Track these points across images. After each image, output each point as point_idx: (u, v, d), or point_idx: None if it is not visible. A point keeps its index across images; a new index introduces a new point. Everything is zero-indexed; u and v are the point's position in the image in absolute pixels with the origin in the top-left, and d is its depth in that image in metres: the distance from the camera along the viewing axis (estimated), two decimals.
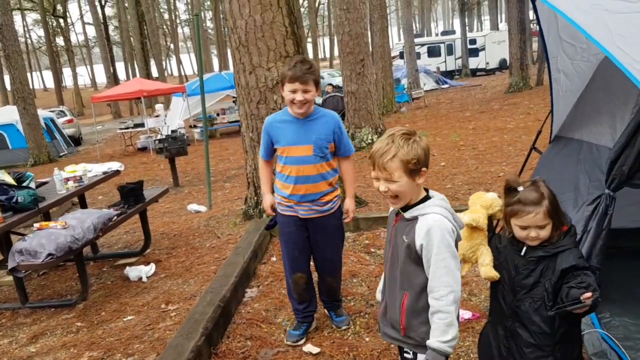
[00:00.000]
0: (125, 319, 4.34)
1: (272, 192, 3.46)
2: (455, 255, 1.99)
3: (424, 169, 2.01)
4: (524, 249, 2.23)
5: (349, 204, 3.42)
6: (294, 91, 3.06)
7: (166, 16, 58.06)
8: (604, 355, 2.67)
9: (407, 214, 2.06)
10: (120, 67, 49.46)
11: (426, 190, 2.12)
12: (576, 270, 2.12)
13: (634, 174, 3.07)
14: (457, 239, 2.07)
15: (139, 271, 5.17)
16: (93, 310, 4.61)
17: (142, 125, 18.32)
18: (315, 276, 3.63)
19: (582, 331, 2.94)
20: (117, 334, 4.10)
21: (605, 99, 3.38)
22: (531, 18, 21.83)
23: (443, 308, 1.96)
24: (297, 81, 3.03)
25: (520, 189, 2.21)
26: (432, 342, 1.98)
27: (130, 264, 5.46)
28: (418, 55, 28.20)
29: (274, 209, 3.44)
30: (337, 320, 3.64)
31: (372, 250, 4.85)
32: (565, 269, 2.12)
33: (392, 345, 3.28)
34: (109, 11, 48.56)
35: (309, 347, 3.39)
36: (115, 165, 6.16)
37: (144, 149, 17.36)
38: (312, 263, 3.55)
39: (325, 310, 3.73)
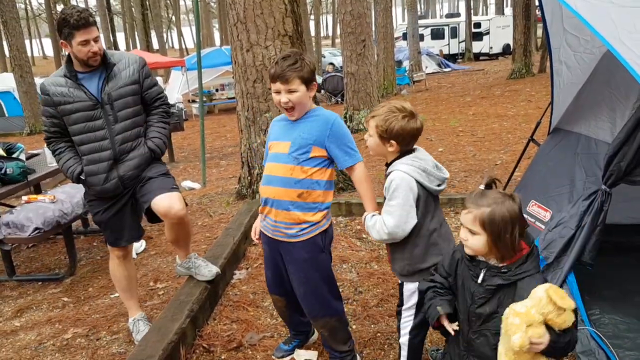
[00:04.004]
0: (112, 296, 4.31)
1: None
2: (403, 206, 2.34)
3: (392, 141, 2.39)
4: (481, 275, 2.06)
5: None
6: (277, 92, 2.60)
7: None
8: (591, 353, 2.64)
9: (387, 172, 2.48)
10: (120, 37, 48.90)
11: (413, 150, 2.47)
12: None
13: (631, 171, 3.01)
14: (427, 193, 2.40)
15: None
16: (80, 286, 4.58)
17: None
18: None
19: None
20: (103, 310, 4.07)
21: (606, 93, 3.31)
22: (536, 4, 21.55)
23: (380, 228, 2.42)
24: (279, 80, 2.56)
25: (481, 187, 2.10)
26: (367, 216, 2.56)
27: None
28: (421, 37, 27.95)
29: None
30: None
31: (364, 236, 4.80)
32: None
33: (379, 334, 3.26)
34: None
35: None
36: None
37: None
38: None
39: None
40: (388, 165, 2.50)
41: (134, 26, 32.20)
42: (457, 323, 2.16)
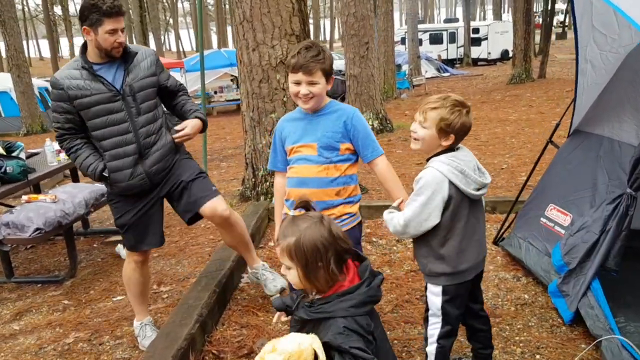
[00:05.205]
0: (114, 299, 4.18)
1: None
2: (425, 205, 2.24)
3: (452, 135, 2.28)
4: (297, 301, 1.89)
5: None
6: (297, 83, 2.52)
7: None
8: None
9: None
10: None
11: (457, 149, 2.37)
12: (336, 350, 1.64)
13: None
14: (462, 196, 2.28)
15: None
16: (81, 288, 4.45)
17: None
18: None
19: (599, 336, 2.81)
20: (105, 314, 3.94)
21: (631, 93, 3.21)
22: (535, 10, 21.57)
23: (396, 221, 2.34)
24: (301, 71, 2.48)
25: (293, 212, 1.87)
26: (385, 212, 2.48)
27: (122, 242, 5.28)
28: (420, 42, 27.86)
29: None
30: None
31: (374, 239, 4.68)
32: (326, 344, 1.66)
33: (396, 341, 3.14)
34: None
35: None
36: None
37: None
38: None
39: None
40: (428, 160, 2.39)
41: (132, 28, 32.07)
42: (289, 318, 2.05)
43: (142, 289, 3.44)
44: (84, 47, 3.07)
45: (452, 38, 33.84)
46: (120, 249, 5.06)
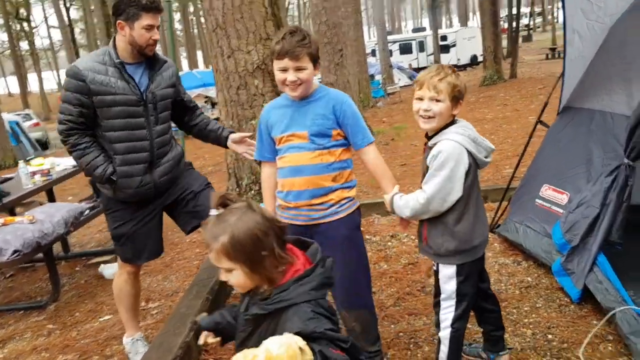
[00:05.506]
0: (101, 319, 4.00)
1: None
2: (450, 178, 2.16)
3: (461, 101, 2.24)
4: (245, 302, 1.69)
5: (387, 204, 2.50)
6: (283, 70, 2.37)
7: None
8: None
9: (431, 143, 2.27)
10: None
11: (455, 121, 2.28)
12: (307, 339, 1.43)
13: None
14: (478, 165, 2.26)
15: (115, 268, 4.78)
16: (66, 312, 4.24)
17: None
18: None
19: (612, 309, 2.72)
20: (93, 335, 3.76)
21: (619, 65, 3.16)
22: (501, 15, 21.86)
23: (415, 201, 2.24)
24: (287, 56, 2.33)
25: (213, 212, 1.59)
26: (396, 197, 2.38)
27: (105, 262, 5.09)
28: (390, 53, 28.07)
29: None
30: None
31: (367, 237, 4.56)
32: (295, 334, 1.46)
33: (401, 334, 3.01)
34: (74, 14, 47.34)
35: None
36: None
37: None
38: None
39: None
40: (430, 137, 2.30)
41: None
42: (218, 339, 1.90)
43: (133, 302, 3.27)
44: (114, 42, 2.90)
45: (422, 47, 34.20)
46: (104, 269, 4.87)
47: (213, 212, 1.57)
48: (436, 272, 2.37)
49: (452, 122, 2.26)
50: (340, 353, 1.47)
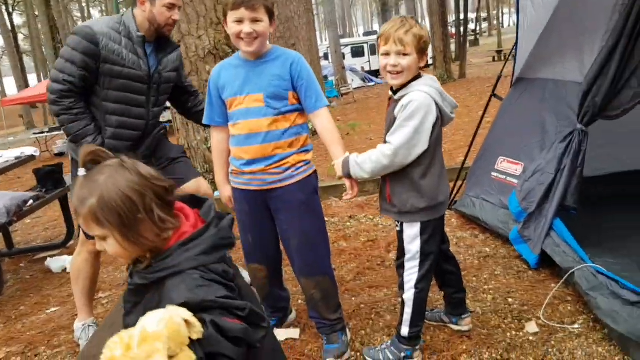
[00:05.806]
0: (48, 311, 3.80)
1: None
2: (417, 129, 2.10)
3: (427, 52, 2.17)
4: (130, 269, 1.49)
5: (338, 167, 2.39)
6: (239, 21, 2.22)
7: (80, 23, 55.58)
8: (602, 287, 2.43)
9: (398, 96, 2.21)
10: (32, 78, 46.68)
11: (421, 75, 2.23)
12: (199, 309, 1.24)
13: (606, 105, 2.89)
14: (444, 120, 2.22)
15: (63, 261, 4.60)
16: (10, 306, 4.01)
17: (58, 129, 17.09)
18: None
19: (571, 268, 2.73)
20: (39, 327, 3.56)
21: (571, 32, 3.20)
22: (449, 20, 22.37)
23: (379, 153, 2.17)
24: (243, 6, 2.20)
25: (81, 172, 1.36)
26: (353, 155, 2.29)
27: (52, 257, 4.86)
28: (343, 56, 28.24)
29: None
30: (327, 348, 2.56)
31: (326, 219, 4.46)
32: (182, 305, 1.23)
33: (362, 305, 2.96)
34: (18, 19, 45.83)
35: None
36: (29, 150, 5.51)
37: (61, 155, 16.21)
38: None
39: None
40: (395, 92, 2.25)
41: (46, 66, 30.74)
42: None
43: (90, 285, 3.11)
44: (132, 15, 2.76)
45: (373, 50, 34.44)
46: (51, 263, 4.64)
47: (81, 171, 1.35)
48: (399, 233, 2.31)
49: (418, 76, 2.22)
50: (237, 322, 1.28)
